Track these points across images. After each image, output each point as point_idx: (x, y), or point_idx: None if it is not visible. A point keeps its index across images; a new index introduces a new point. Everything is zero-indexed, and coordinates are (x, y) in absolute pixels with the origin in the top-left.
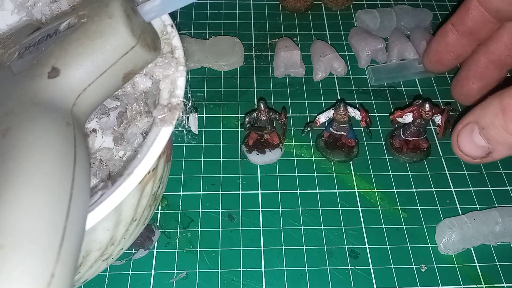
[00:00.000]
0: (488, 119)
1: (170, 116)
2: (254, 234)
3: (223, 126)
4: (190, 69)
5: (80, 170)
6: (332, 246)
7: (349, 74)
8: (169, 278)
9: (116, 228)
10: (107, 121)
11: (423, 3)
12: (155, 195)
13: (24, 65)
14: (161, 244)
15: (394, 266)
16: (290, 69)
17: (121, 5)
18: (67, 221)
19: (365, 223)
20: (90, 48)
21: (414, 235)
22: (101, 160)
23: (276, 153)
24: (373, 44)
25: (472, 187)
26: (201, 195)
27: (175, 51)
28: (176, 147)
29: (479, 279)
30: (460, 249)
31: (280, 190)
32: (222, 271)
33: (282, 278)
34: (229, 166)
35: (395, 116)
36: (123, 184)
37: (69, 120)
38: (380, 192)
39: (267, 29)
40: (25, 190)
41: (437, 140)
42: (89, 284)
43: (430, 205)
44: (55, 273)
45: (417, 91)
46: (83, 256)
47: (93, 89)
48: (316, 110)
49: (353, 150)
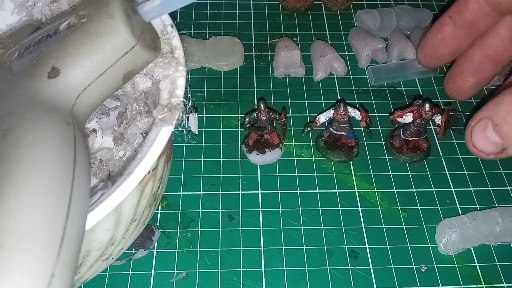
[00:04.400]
0: (501, 116)
1: (170, 116)
2: (254, 234)
3: (223, 126)
4: (190, 69)
5: (80, 170)
6: (332, 246)
7: (349, 74)
8: (169, 278)
9: (116, 228)
10: (107, 121)
11: (423, 3)
12: (155, 195)
13: (24, 65)
14: (161, 244)
15: (394, 266)
16: (290, 69)
17: (121, 5)
18: (67, 221)
19: (365, 223)
20: (90, 48)
21: (414, 235)
22: (101, 160)
23: (276, 153)
24: (373, 44)
25: (472, 187)
26: (201, 195)
27: (175, 51)
28: (176, 147)
29: (479, 279)
30: (460, 249)
31: (280, 190)
32: (222, 271)
33: (282, 278)
34: (229, 166)
35: (395, 116)
36: (123, 184)
37: (69, 120)
38: (380, 192)
39: (267, 29)
40: (25, 190)
41: (437, 140)
42: (89, 284)
43: (430, 205)
44: (55, 273)
45: (417, 91)
46: (83, 256)
47: (93, 89)
48: (316, 110)
49: (353, 150)
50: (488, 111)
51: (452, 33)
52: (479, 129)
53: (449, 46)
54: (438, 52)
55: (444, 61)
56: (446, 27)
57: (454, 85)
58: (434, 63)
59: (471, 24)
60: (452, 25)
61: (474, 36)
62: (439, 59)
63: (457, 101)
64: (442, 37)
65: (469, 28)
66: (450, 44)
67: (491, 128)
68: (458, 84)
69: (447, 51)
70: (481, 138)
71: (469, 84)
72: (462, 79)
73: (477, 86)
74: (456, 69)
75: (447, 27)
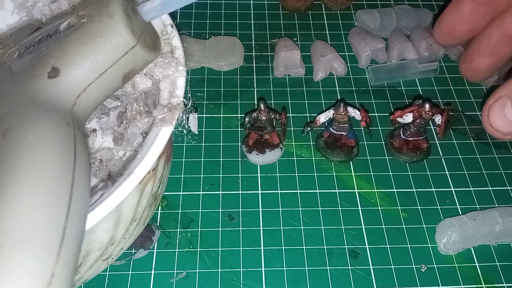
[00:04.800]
0: None
1: (170, 116)
2: (254, 234)
3: (223, 126)
4: (190, 69)
5: (80, 170)
6: (332, 246)
7: (349, 74)
8: (169, 278)
9: (116, 228)
10: (107, 121)
11: (423, 3)
12: (155, 195)
13: (24, 65)
14: (161, 244)
15: (394, 266)
16: (290, 69)
17: (121, 5)
18: (67, 221)
19: (365, 223)
20: (90, 48)
21: (414, 235)
22: (101, 160)
23: (276, 153)
24: (373, 44)
25: (472, 187)
26: (201, 195)
27: (175, 51)
28: (176, 147)
29: (479, 279)
30: (460, 249)
31: (280, 190)
32: (222, 271)
33: (282, 278)
34: (229, 166)
35: (395, 116)
36: (123, 184)
37: (69, 120)
38: (380, 192)
39: (267, 29)
40: (25, 190)
41: (437, 140)
42: (89, 284)
43: (430, 205)
44: (55, 273)
45: (417, 91)
46: (83, 256)
47: (93, 89)
48: (316, 110)
49: (353, 150)
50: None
51: (471, 10)
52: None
53: (467, 23)
54: (456, 30)
55: (461, 40)
56: (465, 4)
57: (470, 65)
58: (451, 42)
59: (490, 1)
60: (472, 1)
61: (493, 13)
62: (456, 37)
63: (457, 101)
64: (460, 14)
65: (488, 5)
66: (469, 21)
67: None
68: (474, 64)
69: (465, 28)
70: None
71: (485, 64)
72: (478, 59)
73: (493, 67)
74: (472, 49)
75: (466, 4)
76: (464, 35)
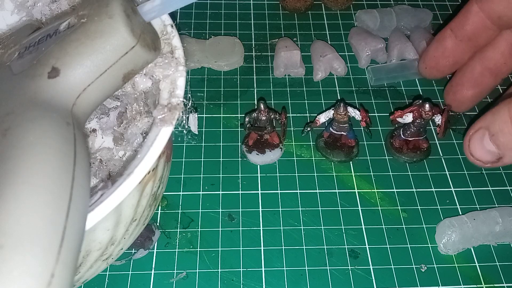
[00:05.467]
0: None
1: (170, 116)
2: (254, 234)
3: (223, 126)
4: (190, 69)
5: (80, 170)
6: (332, 246)
7: (349, 74)
8: (169, 278)
9: (116, 228)
10: (107, 121)
11: (423, 3)
12: (155, 195)
13: (24, 65)
14: (161, 244)
15: (394, 266)
16: (290, 69)
17: (121, 5)
18: (67, 221)
19: (365, 223)
20: (90, 48)
21: (414, 235)
22: (101, 160)
23: (276, 153)
24: (373, 44)
25: (472, 187)
26: (201, 195)
27: (175, 51)
28: (176, 147)
29: (479, 279)
30: (460, 249)
31: (280, 190)
32: (222, 271)
33: (282, 278)
34: (229, 166)
35: (395, 116)
36: (123, 184)
37: (69, 120)
38: (380, 192)
39: (267, 29)
40: (25, 190)
41: (437, 140)
42: (89, 284)
43: (430, 205)
44: (55, 273)
45: (417, 91)
46: (83, 256)
47: (93, 89)
48: (316, 110)
49: (353, 150)
50: (485, 121)
51: (453, 45)
52: (477, 138)
53: (450, 58)
54: (439, 64)
55: (445, 73)
56: (447, 40)
57: (454, 97)
58: (435, 75)
59: (471, 37)
60: (453, 37)
61: (474, 49)
62: (440, 71)
63: None
64: (443, 50)
65: (469, 41)
66: (451, 56)
67: (488, 138)
68: (458, 96)
69: (448, 63)
70: (478, 147)
71: (469, 95)
72: (462, 91)
73: (476, 98)
74: (456, 81)
75: (448, 40)
76: (448, 68)
